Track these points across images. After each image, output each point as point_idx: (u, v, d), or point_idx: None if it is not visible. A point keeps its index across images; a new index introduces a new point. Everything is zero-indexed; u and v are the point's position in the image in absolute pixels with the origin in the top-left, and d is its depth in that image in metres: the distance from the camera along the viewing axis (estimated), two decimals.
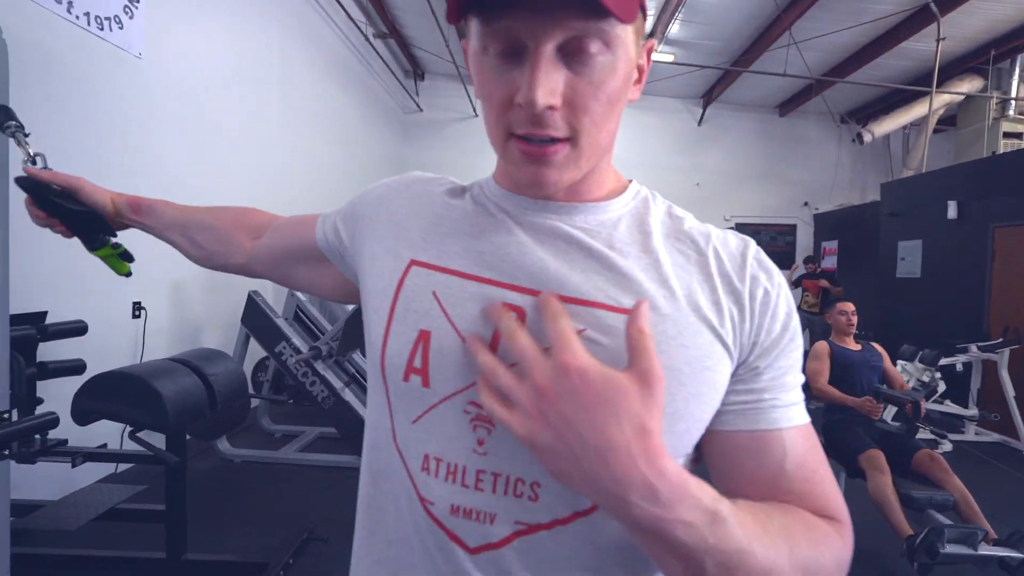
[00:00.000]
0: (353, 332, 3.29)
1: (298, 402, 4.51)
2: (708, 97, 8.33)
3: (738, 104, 8.40)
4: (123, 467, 2.91)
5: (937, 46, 5.45)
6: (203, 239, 0.70)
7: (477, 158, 8.55)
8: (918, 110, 7.00)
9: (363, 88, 6.50)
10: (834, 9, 5.35)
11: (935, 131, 7.20)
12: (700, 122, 8.60)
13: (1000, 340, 4.39)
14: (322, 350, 3.06)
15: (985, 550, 1.85)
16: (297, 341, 3.09)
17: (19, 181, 0.68)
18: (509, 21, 0.38)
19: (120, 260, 0.80)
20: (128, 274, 0.82)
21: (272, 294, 4.09)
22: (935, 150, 7.54)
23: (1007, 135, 6.42)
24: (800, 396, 0.45)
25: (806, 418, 0.45)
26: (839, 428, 2.53)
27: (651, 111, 8.61)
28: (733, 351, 0.44)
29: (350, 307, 4.10)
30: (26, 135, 0.74)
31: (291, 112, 4.68)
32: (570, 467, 0.35)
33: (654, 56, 4.69)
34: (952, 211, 5.21)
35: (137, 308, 3.01)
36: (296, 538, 2.23)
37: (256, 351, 3.72)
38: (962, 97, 6.67)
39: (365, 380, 3.56)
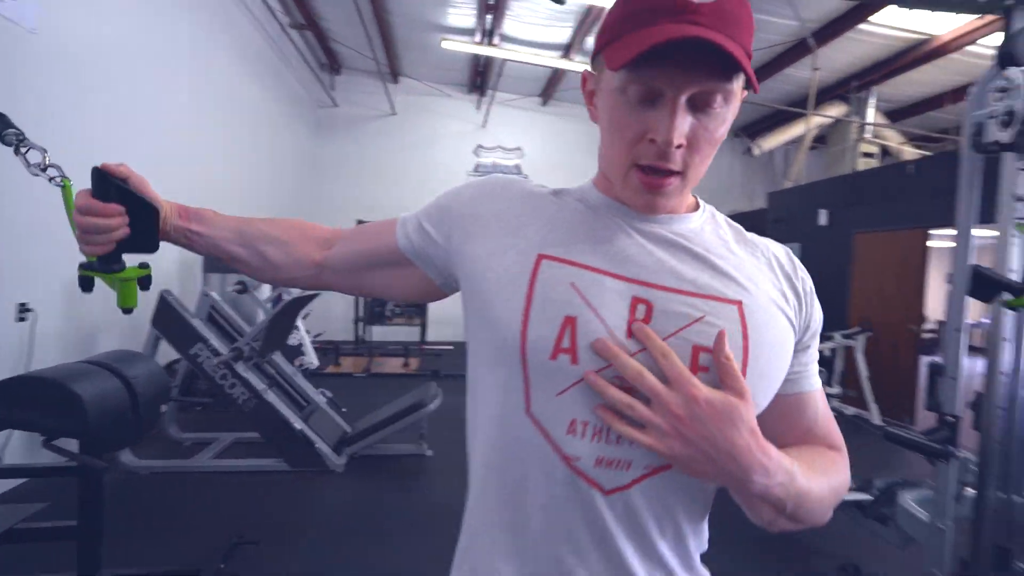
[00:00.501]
0: (275, 333, 3.19)
1: (206, 408, 4.26)
2: None
3: None
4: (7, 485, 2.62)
5: (813, 75, 6.21)
6: (273, 253, 0.68)
7: (395, 157, 8.43)
8: (797, 129, 7.90)
9: (276, 79, 6.21)
10: None
11: (811, 148, 8.16)
12: None
13: (857, 329, 5.13)
14: (243, 351, 2.94)
15: (845, 494, 2.24)
16: (215, 342, 2.94)
17: (93, 171, 0.60)
18: (655, 72, 0.45)
19: (136, 287, 0.67)
20: (131, 310, 0.68)
21: (177, 292, 3.83)
22: (811, 165, 8.54)
23: (865, 154, 7.44)
24: (817, 359, 0.60)
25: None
26: None
27: (568, 117, 8.96)
28: (796, 332, 0.56)
29: (270, 307, 3.95)
30: (38, 149, 0.68)
31: (200, 97, 4.40)
32: (705, 467, 0.47)
33: (571, 66, 4.97)
34: (823, 219, 5.97)
35: (22, 310, 2.72)
36: (225, 544, 2.16)
37: (164, 354, 3.47)
38: (831, 120, 7.62)
39: (287, 382, 3.47)
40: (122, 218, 0.61)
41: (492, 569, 0.54)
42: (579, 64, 6.55)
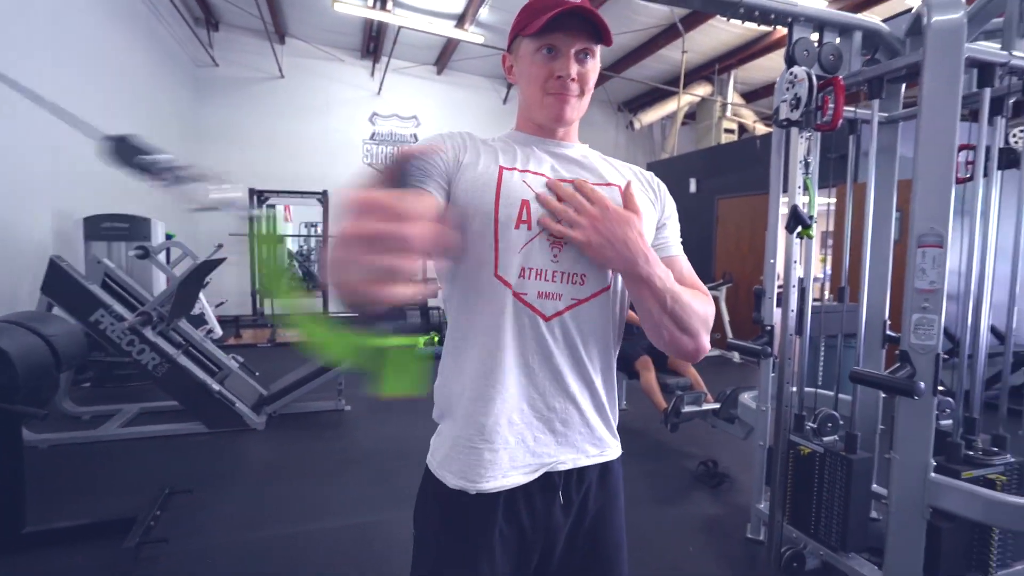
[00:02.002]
0: (183, 298, 3.16)
1: (98, 383, 4.04)
2: None
3: None
4: None
5: (682, 56, 6.92)
6: None
7: (287, 124, 8.09)
8: (671, 106, 8.74)
9: (148, 34, 5.71)
10: (614, 14, 6.41)
11: (683, 123, 9.07)
12: (505, 100, 9.39)
13: (720, 281, 6.00)
14: (152, 316, 2.91)
15: (705, 406, 2.83)
16: (119, 308, 2.87)
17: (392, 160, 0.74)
18: (555, 35, 0.74)
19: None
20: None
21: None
22: (683, 138, 9.48)
23: (726, 130, 8.45)
24: (679, 240, 0.88)
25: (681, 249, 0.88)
26: (624, 343, 3.44)
27: (462, 87, 9.11)
28: (656, 216, 0.84)
29: (174, 272, 3.83)
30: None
31: (64, 52, 4.01)
32: (609, 252, 0.71)
33: (465, 36, 5.36)
34: (693, 186, 6.78)
35: None
36: (156, 497, 2.22)
37: None
38: (699, 98, 8.52)
39: (196, 348, 3.44)
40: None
41: (489, 384, 0.75)
42: (472, 35, 6.71)
